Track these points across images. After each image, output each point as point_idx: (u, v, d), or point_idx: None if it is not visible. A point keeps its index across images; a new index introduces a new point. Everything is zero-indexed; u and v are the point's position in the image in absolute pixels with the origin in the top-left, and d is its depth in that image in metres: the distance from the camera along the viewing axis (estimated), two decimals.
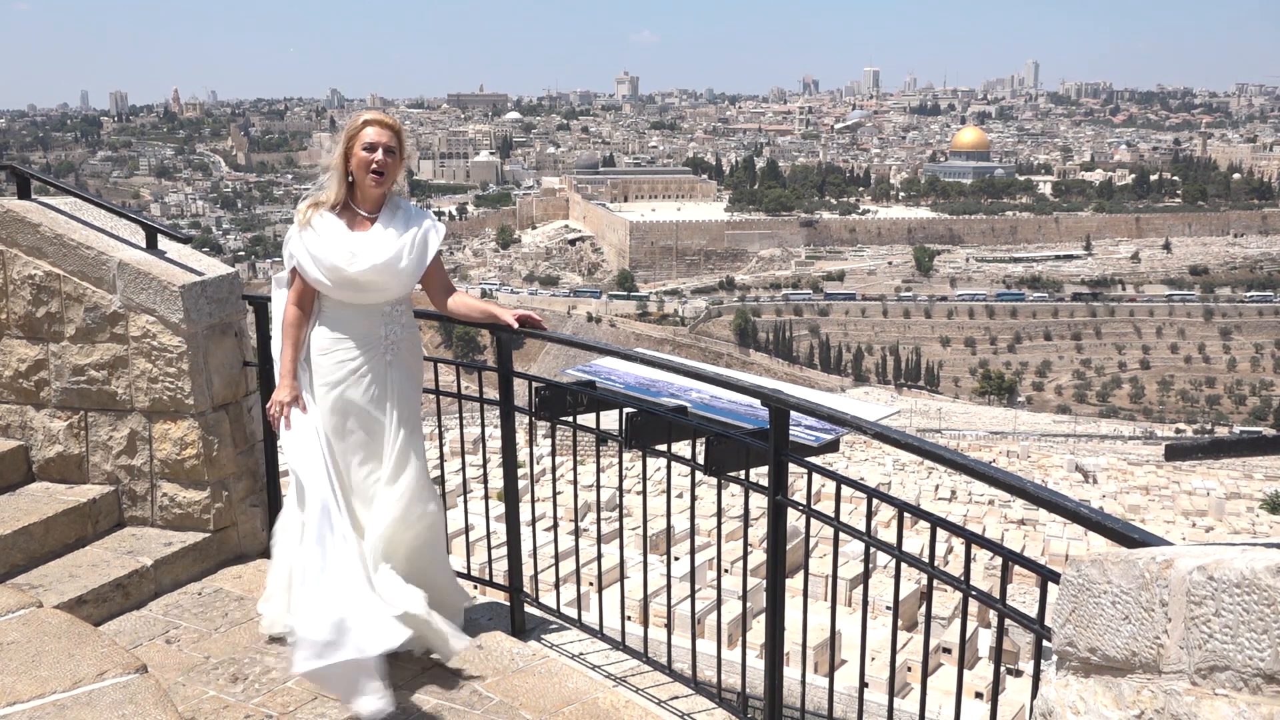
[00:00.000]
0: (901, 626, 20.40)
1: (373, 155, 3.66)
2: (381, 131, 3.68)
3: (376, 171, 3.67)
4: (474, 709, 3.55)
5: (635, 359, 3.93)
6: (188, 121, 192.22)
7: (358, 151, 3.67)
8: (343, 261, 3.63)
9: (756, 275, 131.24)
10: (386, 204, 3.78)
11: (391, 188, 3.79)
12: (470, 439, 17.32)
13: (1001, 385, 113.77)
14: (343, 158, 3.70)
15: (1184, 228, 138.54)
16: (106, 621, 4.13)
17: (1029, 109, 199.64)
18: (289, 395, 3.70)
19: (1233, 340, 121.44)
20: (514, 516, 4.36)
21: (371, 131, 3.67)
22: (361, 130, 3.68)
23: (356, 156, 3.67)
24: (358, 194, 3.74)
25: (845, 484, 3.23)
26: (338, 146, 3.71)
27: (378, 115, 3.75)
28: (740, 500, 3.64)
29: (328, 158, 3.80)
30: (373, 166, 3.66)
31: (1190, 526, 35.36)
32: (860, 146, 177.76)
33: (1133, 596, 1.64)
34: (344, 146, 3.69)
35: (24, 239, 4.71)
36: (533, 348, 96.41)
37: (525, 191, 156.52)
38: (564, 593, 4.57)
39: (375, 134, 3.67)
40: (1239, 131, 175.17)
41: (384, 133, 3.68)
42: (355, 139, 3.68)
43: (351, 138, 3.69)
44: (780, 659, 3.42)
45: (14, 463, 4.80)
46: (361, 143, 3.67)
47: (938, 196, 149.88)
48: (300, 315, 3.72)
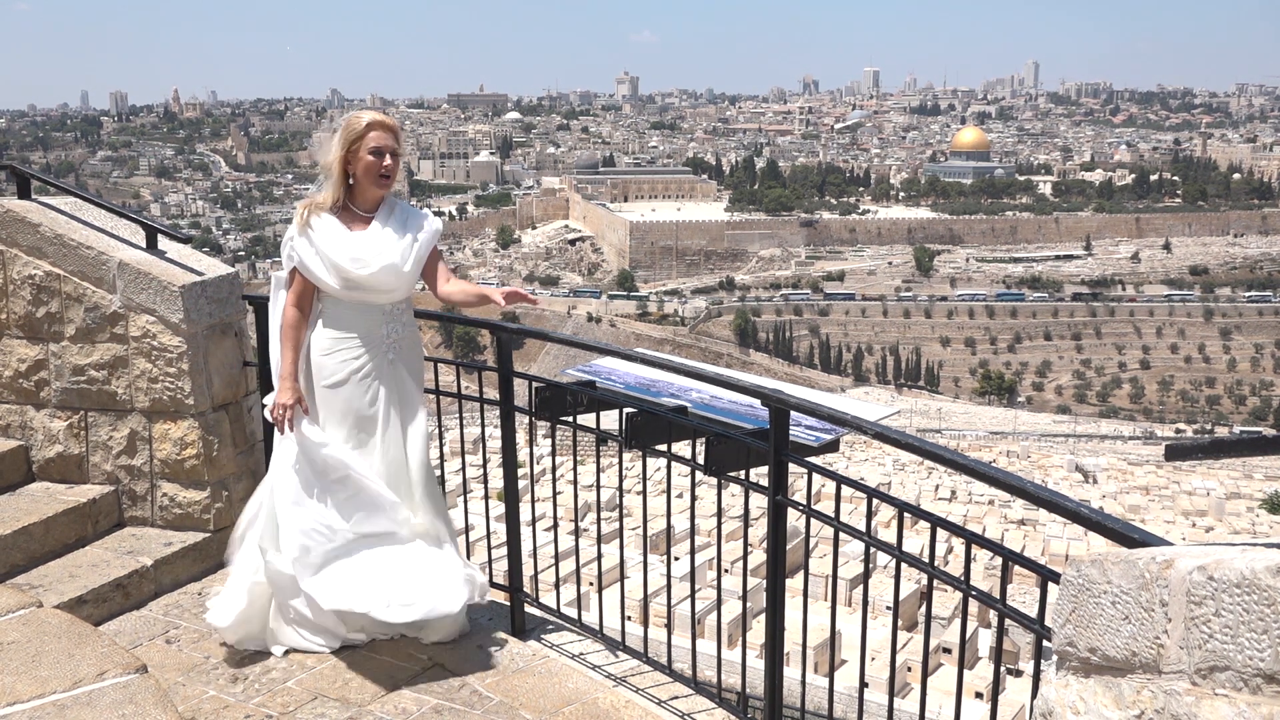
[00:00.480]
0: (901, 626, 20.41)
1: (381, 161, 3.66)
2: (385, 135, 3.67)
3: (384, 175, 3.68)
4: (474, 709, 3.55)
5: (635, 359, 3.94)
6: (188, 121, 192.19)
7: (364, 156, 3.65)
8: (352, 265, 3.63)
9: (756, 275, 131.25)
10: (384, 203, 3.78)
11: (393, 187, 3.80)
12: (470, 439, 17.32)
13: (1001, 385, 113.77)
14: (342, 160, 3.67)
15: (1184, 228, 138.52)
16: (106, 621, 4.13)
17: (1029, 109, 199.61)
18: (291, 398, 3.68)
19: (1233, 340, 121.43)
20: (514, 516, 4.36)
21: (376, 135, 3.65)
22: (365, 134, 3.65)
23: (362, 161, 3.65)
24: (357, 194, 3.73)
25: (845, 484, 3.23)
26: (336, 148, 3.67)
27: (378, 117, 3.72)
28: (740, 500, 3.64)
29: (323, 154, 3.76)
30: (381, 171, 3.66)
31: (1190, 527, 35.37)
32: (860, 146, 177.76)
33: (1133, 596, 1.64)
34: (345, 149, 3.66)
35: (24, 239, 4.71)
36: (533, 348, 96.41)
37: (525, 192, 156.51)
38: (564, 593, 4.57)
39: (379, 138, 3.65)
40: (1239, 131, 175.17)
41: (387, 135, 3.67)
42: (359, 143, 3.65)
43: (354, 141, 3.65)
44: (780, 659, 3.41)
45: (14, 463, 4.80)
46: (367, 147, 3.65)
47: (938, 197, 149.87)
48: (300, 317, 3.71)
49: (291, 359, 3.69)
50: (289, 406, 3.68)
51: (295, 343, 3.70)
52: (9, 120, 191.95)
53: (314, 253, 3.65)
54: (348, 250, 3.64)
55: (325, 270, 3.65)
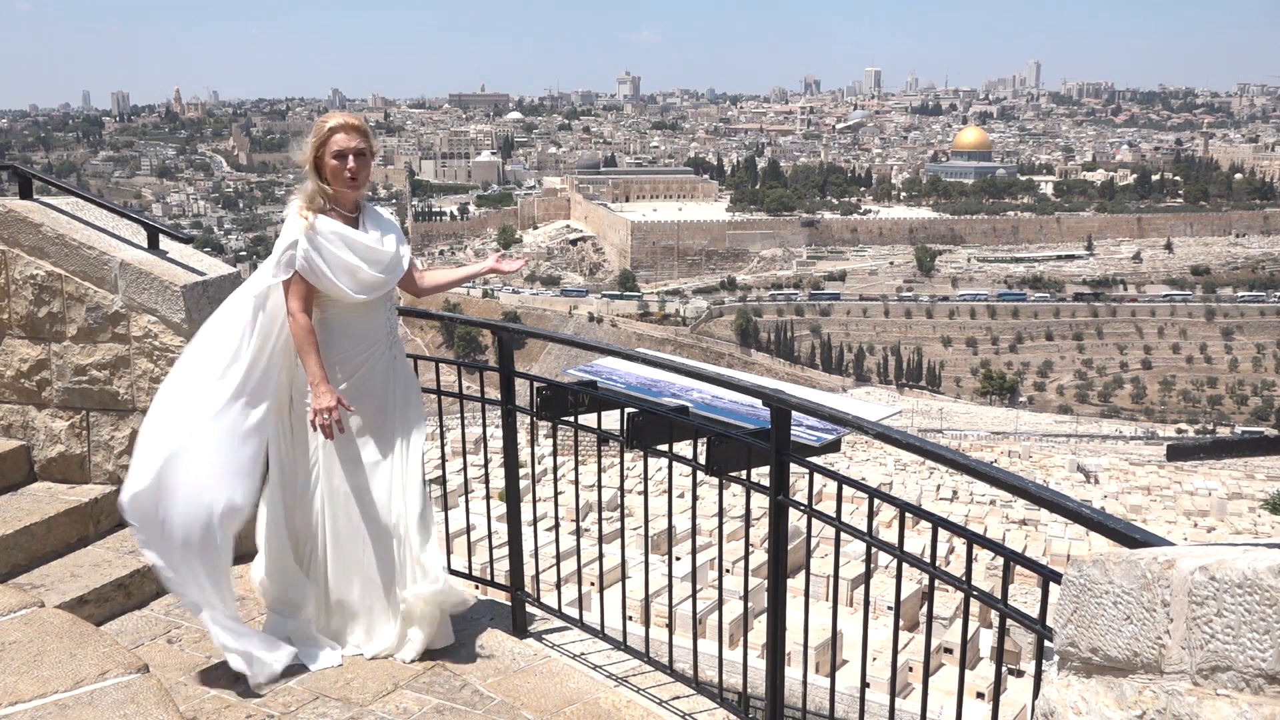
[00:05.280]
0: (903, 627, 20.38)
1: (344, 164, 3.64)
2: (349, 136, 3.65)
3: (350, 178, 3.67)
4: (475, 709, 3.55)
5: (637, 359, 3.94)
6: (189, 121, 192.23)
7: (328, 160, 3.64)
8: (371, 266, 3.67)
9: (758, 275, 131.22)
10: (363, 205, 3.79)
11: (365, 187, 3.79)
12: (471, 439, 17.33)
13: (1003, 385, 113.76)
14: (312, 163, 3.67)
15: (1186, 228, 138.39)
16: (108, 621, 4.14)
17: (1031, 109, 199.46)
18: (332, 399, 3.60)
19: (1234, 340, 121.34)
20: (515, 516, 4.36)
21: (339, 138, 3.63)
22: (329, 138, 3.64)
23: (328, 165, 3.64)
24: (335, 197, 3.71)
25: (847, 484, 3.23)
26: (308, 150, 3.68)
27: (343, 119, 3.70)
28: (741, 500, 3.63)
29: (299, 155, 3.74)
30: (347, 174, 3.65)
31: (1192, 527, 35.34)
32: (862, 146, 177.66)
33: (1134, 597, 1.64)
34: (314, 153, 3.66)
35: (26, 239, 4.71)
36: (534, 347, 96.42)
37: (527, 192, 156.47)
38: (565, 593, 4.56)
39: (342, 140, 3.63)
40: (1241, 131, 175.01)
41: (352, 137, 3.65)
42: (324, 147, 3.65)
43: (320, 146, 3.65)
44: (781, 659, 3.41)
45: (16, 463, 4.80)
46: (330, 151, 3.64)
47: (939, 196, 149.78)
48: (310, 321, 3.68)
49: (318, 361, 3.62)
50: (332, 409, 3.59)
51: (314, 345, 3.64)
52: (11, 120, 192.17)
53: (322, 256, 3.62)
54: (357, 248, 3.66)
55: (338, 273, 3.63)
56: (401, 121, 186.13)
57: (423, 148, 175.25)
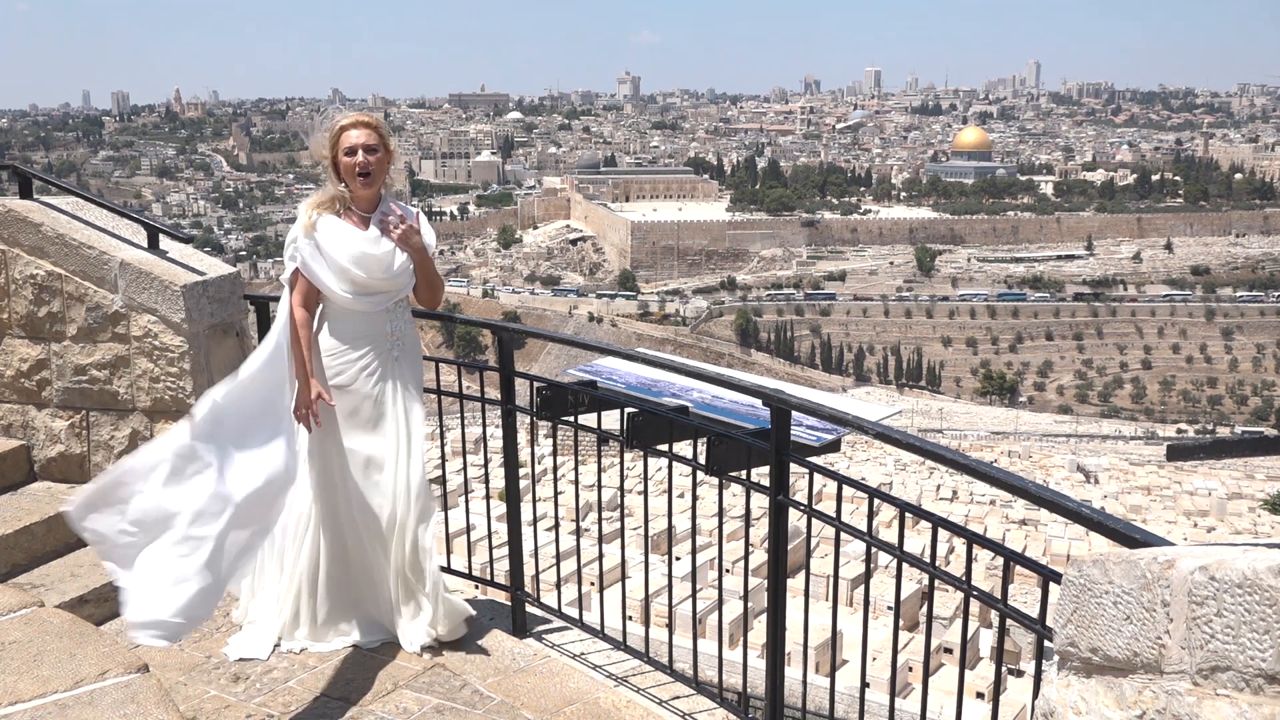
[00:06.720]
0: (903, 626, 20.39)
1: (354, 159, 3.67)
2: (360, 132, 3.69)
3: (362, 173, 3.69)
4: (475, 709, 3.55)
5: (636, 359, 3.94)
6: (189, 121, 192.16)
7: (341, 158, 3.69)
8: (354, 266, 3.66)
9: (758, 275, 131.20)
10: (380, 204, 3.79)
11: (382, 185, 3.80)
12: (471, 439, 17.32)
13: (1003, 385, 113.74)
14: (331, 164, 3.72)
15: (1185, 228, 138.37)
16: (108, 621, 4.13)
17: (1030, 109, 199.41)
18: (313, 393, 3.65)
19: (1234, 340, 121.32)
20: (515, 516, 4.36)
21: (350, 134, 3.68)
22: (340, 135, 3.69)
23: (341, 163, 3.69)
24: (353, 196, 3.75)
25: (847, 484, 3.23)
26: (326, 149, 3.72)
27: (354, 116, 3.74)
28: (741, 500, 3.63)
29: (316, 149, 3.79)
30: (356, 169, 3.67)
31: (1192, 527, 35.35)
32: (862, 146, 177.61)
33: (1134, 597, 1.64)
34: (330, 152, 3.71)
35: (26, 239, 4.71)
36: (534, 347, 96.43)
37: (527, 191, 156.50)
38: (565, 593, 4.56)
39: (354, 136, 3.68)
40: (1241, 131, 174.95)
41: (363, 133, 3.69)
42: (337, 145, 3.69)
43: (334, 144, 3.70)
44: (781, 659, 3.41)
45: (16, 462, 4.80)
46: (342, 148, 3.68)
47: (939, 196, 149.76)
48: (307, 316, 3.72)
49: (307, 357, 3.67)
50: (311, 403, 3.65)
51: (308, 341, 3.69)
52: (11, 120, 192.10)
53: (320, 256, 3.66)
54: (351, 251, 3.66)
55: (331, 274, 3.66)
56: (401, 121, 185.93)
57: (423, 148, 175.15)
